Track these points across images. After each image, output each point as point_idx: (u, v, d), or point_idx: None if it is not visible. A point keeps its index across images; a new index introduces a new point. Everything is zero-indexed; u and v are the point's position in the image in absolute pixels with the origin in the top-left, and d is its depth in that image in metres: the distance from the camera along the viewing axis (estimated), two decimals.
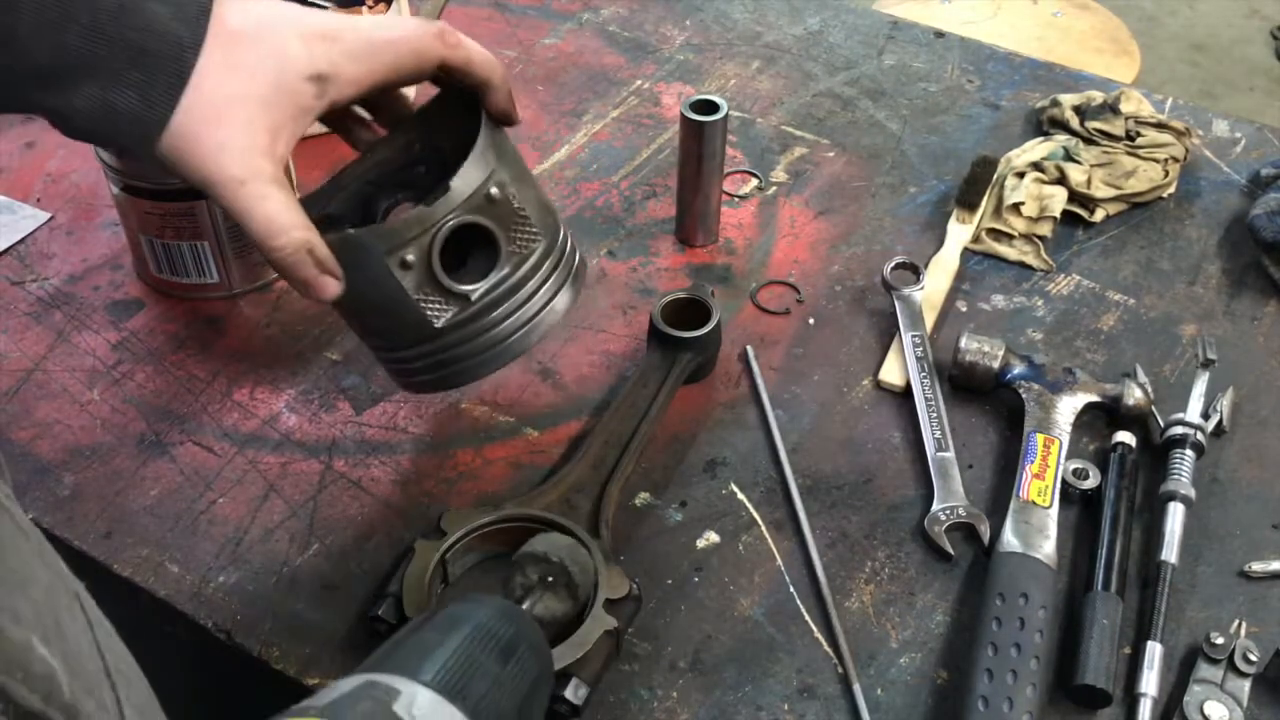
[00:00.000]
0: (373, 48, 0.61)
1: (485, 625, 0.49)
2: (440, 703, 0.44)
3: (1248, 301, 0.86)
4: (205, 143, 0.57)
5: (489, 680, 0.47)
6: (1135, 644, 0.64)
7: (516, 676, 0.48)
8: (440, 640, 0.47)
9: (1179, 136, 0.96)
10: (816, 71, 1.08)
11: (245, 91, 0.57)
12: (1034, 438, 0.73)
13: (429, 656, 0.46)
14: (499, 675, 0.47)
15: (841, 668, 0.64)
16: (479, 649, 0.47)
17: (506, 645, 0.49)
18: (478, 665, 0.47)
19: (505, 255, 0.64)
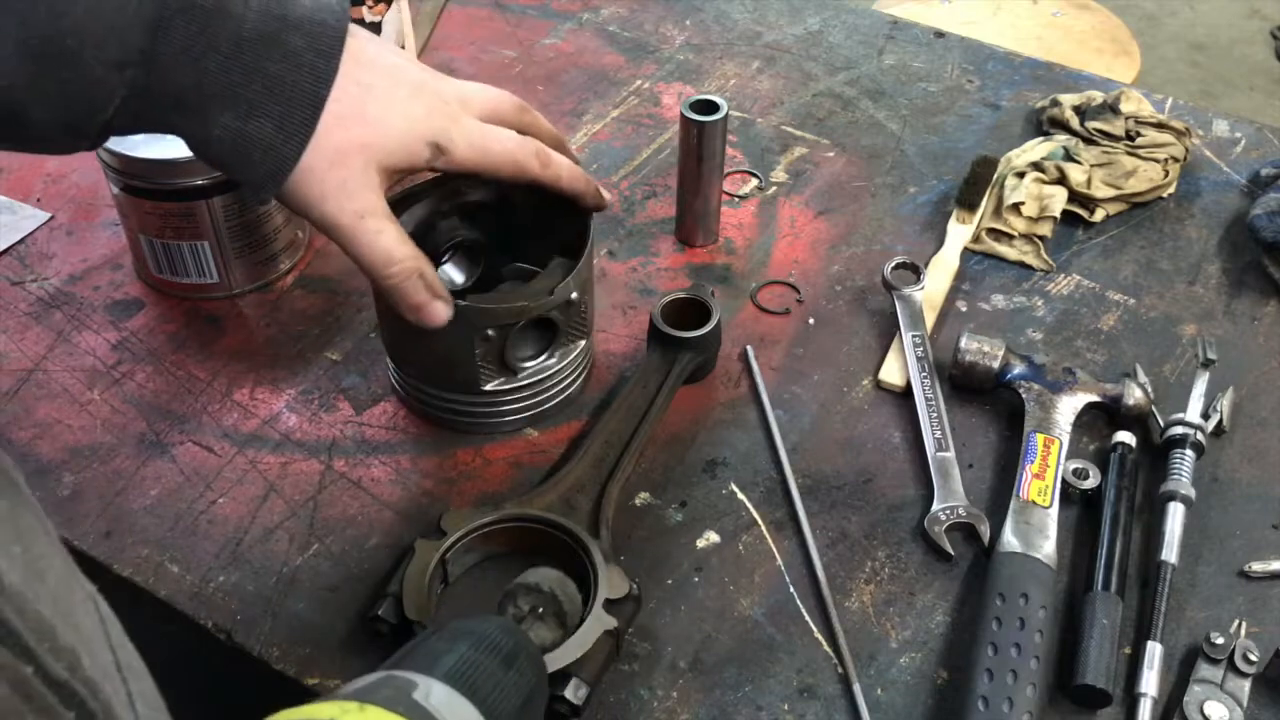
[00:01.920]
0: (484, 147, 0.66)
1: (489, 636, 0.52)
2: (454, 695, 0.46)
3: (1248, 301, 0.86)
4: (329, 181, 0.60)
5: (494, 682, 0.49)
6: (1135, 644, 0.64)
7: (518, 683, 0.51)
8: (449, 646, 0.50)
9: (1179, 136, 0.96)
10: (816, 71, 1.08)
11: (371, 140, 0.61)
12: (1034, 438, 0.73)
13: (440, 658, 0.49)
14: (502, 679, 0.50)
15: (841, 668, 0.64)
16: (484, 655, 0.50)
17: (509, 654, 0.52)
18: (484, 668, 0.50)
19: (558, 345, 0.73)
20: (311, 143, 0.59)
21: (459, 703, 0.46)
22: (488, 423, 0.75)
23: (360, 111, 0.60)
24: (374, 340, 0.81)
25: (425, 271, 0.64)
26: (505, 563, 0.67)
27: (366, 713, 0.42)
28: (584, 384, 0.78)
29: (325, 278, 0.86)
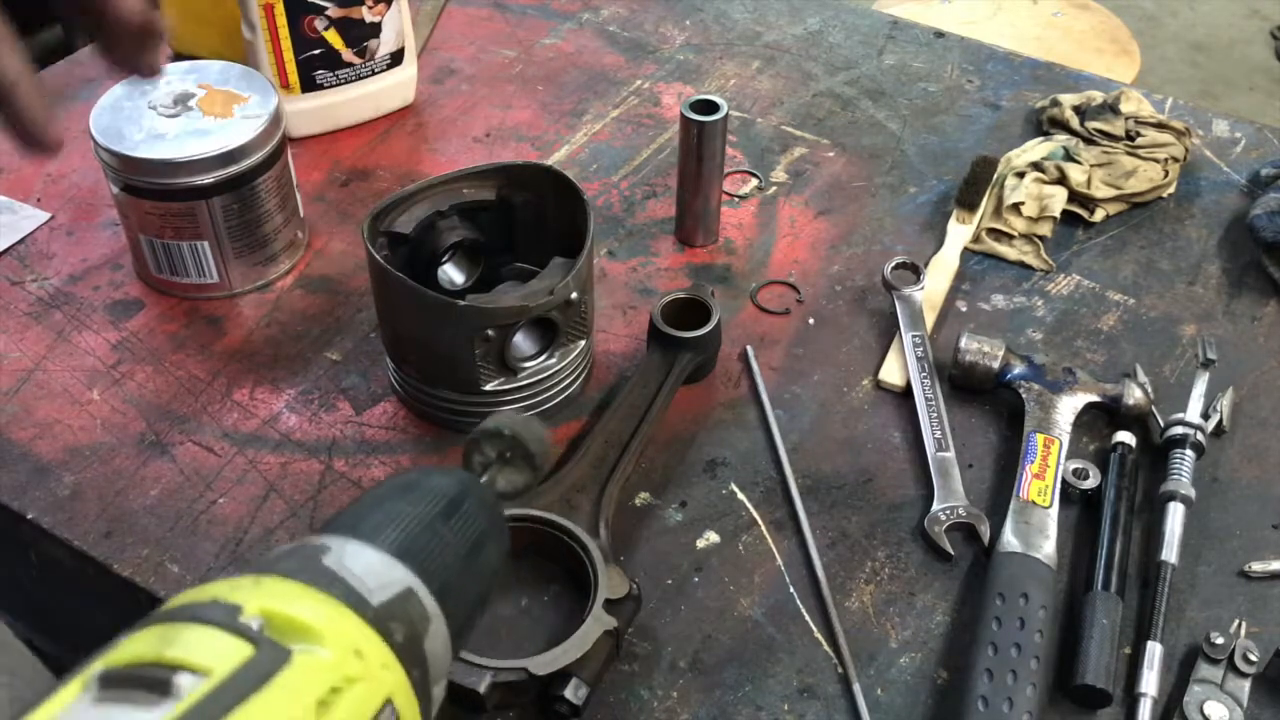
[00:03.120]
0: None
1: (422, 486, 0.48)
2: (373, 553, 0.41)
3: (1248, 301, 0.86)
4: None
5: (429, 535, 0.45)
6: (1135, 644, 0.64)
7: (462, 531, 0.47)
8: (374, 505, 0.46)
9: (1179, 136, 0.96)
10: (816, 71, 1.08)
11: None
12: (1034, 438, 0.73)
13: (363, 518, 0.44)
14: (440, 530, 0.46)
15: (841, 668, 0.64)
16: (416, 507, 0.46)
17: (450, 502, 0.47)
18: (414, 521, 0.45)
19: (558, 345, 0.73)
20: None
21: (378, 561, 0.41)
22: None
23: None
24: (374, 340, 0.81)
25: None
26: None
27: (262, 585, 0.37)
28: (584, 384, 0.78)
29: (325, 278, 0.86)
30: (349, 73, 0.96)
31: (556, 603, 0.66)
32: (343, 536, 0.42)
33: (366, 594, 0.38)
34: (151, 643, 0.33)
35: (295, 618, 0.35)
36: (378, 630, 0.37)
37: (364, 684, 0.34)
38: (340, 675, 0.34)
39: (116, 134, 0.77)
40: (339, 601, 0.37)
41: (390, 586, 0.40)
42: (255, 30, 0.91)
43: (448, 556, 0.44)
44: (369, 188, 0.94)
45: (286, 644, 0.33)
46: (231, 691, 0.31)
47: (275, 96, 0.81)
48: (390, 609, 0.39)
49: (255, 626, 0.34)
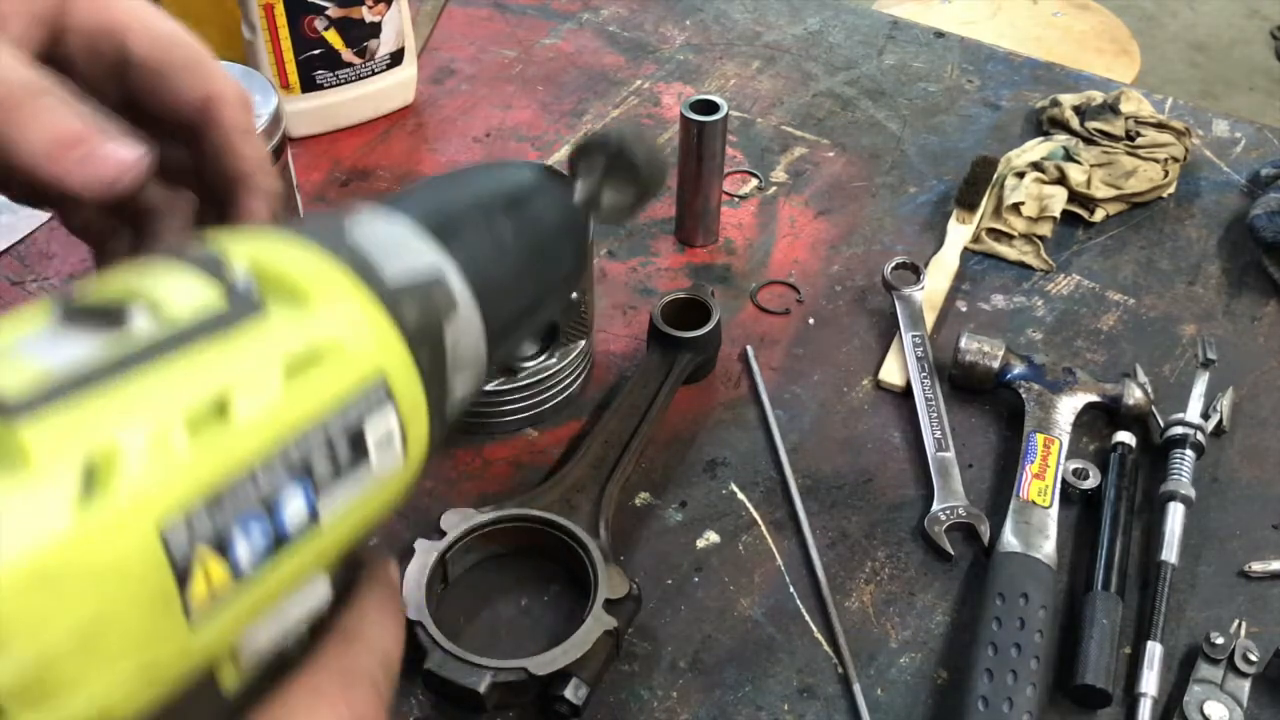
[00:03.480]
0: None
1: (497, 174, 0.43)
2: (399, 228, 0.36)
3: (1248, 301, 0.86)
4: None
5: (482, 221, 0.39)
6: (1135, 644, 0.64)
7: (525, 227, 0.41)
8: (435, 183, 0.41)
9: (1179, 136, 0.96)
10: (816, 71, 1.08)
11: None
12: (1034, 438, 0.73)
13: (414, 194, 0.39)
14: (498, 220, 0.40)
15: (841, 668, 0.64)
16: (480, 192, 0.41)
17: (518, 194, 0.42)
18: (470, 203, 0.40)
19: (558, 345, 0.73)
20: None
21: (407, 236, 0.36)
22: (488, 423, 0.75)
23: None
24: None
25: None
26: (505, 563, 0.67)
27: (265, 239, 0.32)
28: (584, 384, 0.78)
29: None
30: (349, 73, 0.96)
31: (556, 603, 0.66)
32: (381, 208, 0.37)
33: (380, 266, 0.34)
34: (126, 277, 0.30)
35: (286, 275, 0.31)
36: (382, 304, 0.32)
37: (351, 354, 0.31)
38: (322, 340, 0.30)
39: None
40: (343, 266, 0.32)
41: (414, 265, 0.35)
42: (255, 30, 0.91)
43: (499, 250, 0.39)
44: (369, 188, 0.94)
45: (271, 303, 0.30)
46: (188, 335, 0.28)
47: (275, 96, 0.81)
48: (405, 287, 0.34)
49: (240, 277, 0.30)
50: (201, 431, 0.27)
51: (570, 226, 0.44)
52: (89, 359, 0.26)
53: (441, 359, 0.35)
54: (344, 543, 0.31)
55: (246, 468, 0.27)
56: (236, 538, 0.27)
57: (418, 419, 0.33)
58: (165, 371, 0.27)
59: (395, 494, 0.33)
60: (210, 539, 0.26)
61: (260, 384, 0.28)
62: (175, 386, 0.27)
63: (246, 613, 0.28)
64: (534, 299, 0.41)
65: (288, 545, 0.28)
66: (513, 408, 0.74)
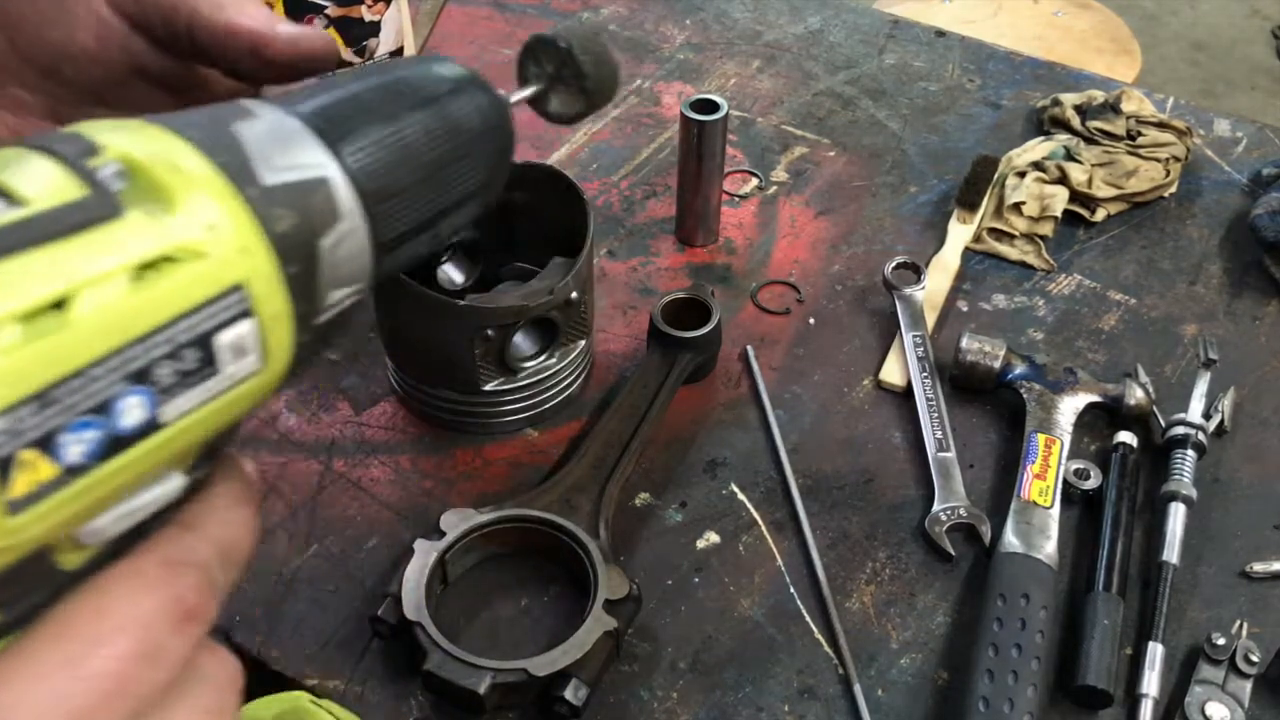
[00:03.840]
0: None
1: (411, 71, 0.40)
2: (291, 124, 0.34)
3: (1249, 301, 0.86)
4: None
5: (384, 123, 0.37)
6: (1136, 645, 0.64)
7: (436, 130, 0.39)
8: (334, 80, 0.38)
9: (1180, 136, 0.95)
10: (817, 71, 1.08)
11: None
12: (1035, 438, 0.73)
13: (309, 92, 0.37)
14: (404, 121, 0.38)
15: (842, 668, 0.63)
16: (385, 90, 0.38)
17: (432, 94, 0.39)
18: (372, 103, 0.37)
19: (558, 345, 0.73)
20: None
21: (294, 135, 0.34)
22: (487, 423, 0.74)
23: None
24: (373, 340, 0.81)
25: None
26: (505, 563, 0.67)
27: (142, 133, 0.31)
28: (584, 384, 0.78)
29: None
30: None
31: (556, 603, 0.66)
32: (275, 105, 0.35)
33: (257, 168, 0.32)
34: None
35: (153, 173, 0.30)
36: (252, 209, 0.31)
37: (208, 261, 0.30)
38: (178, 245, 0.29)
39: None
40: (214, 168, 0.31)
41: (295, 168, 0.33)
42: None
43: (399, 153, 0.37)
44: None
45: (132, 200, 0.29)
46: (37, 228, 0.27)
47: None
48: (281, 192, 0.33)
49: (107, 173, 0.29)
50: (35, 328, 0.26)
51: (489, 133, 0.42)
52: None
53: (313, 269, 0.33)
54: (195, 443, 0.31)
55: (81, 368, 0.27)
56: (65, 436, 0.27)
57: (280, 328, 0.32)
58: (5, 263, 0.26)
59: (253, 397, 0.32)
60: (37, 436, 0.26)
61: (103, 285, 0.27)
62: (13, 280, 0.26)
63: (81, 504, 0.28)
64: (436, 209, 0.39)
65: (124, 446, 0.28)
66: (513, 408, 0.74)
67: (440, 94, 0.40)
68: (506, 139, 0.43)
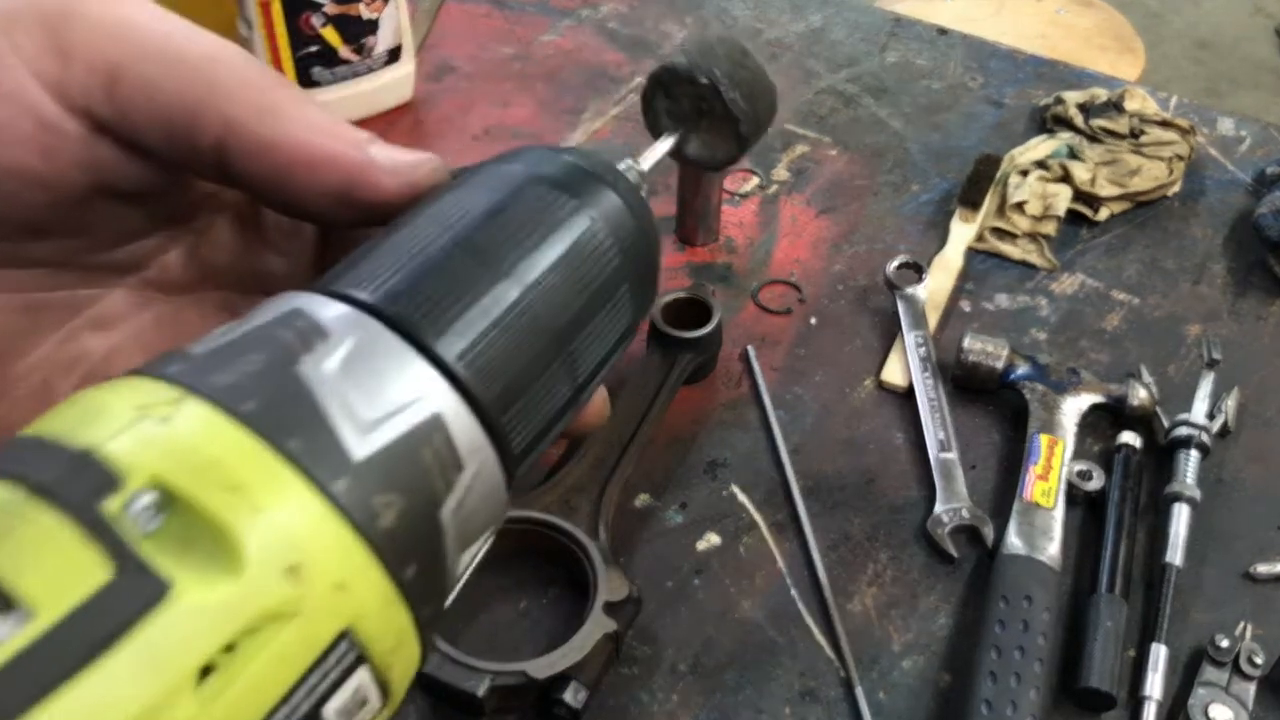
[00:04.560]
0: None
1: (493, 189, 0.29)
2: (367, 330, 0.24)
3: (1253, 301, 0.85)
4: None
5: (479, 282, 0.26)
6: (1139, 646, 0.64)
7: (554, 273, 0.28)
8: (400, 238, 0.27)
9: (1184, 135, 0.95)
10: (818, 69, 1.08)
11: None
12: (1038, 439, 0.72)
13: (371, 255, 0.27)
14: (507, 273, 0.27)
15: (843, 670, 0.63)
16: (473, 236, 0.27)
17: (539, 222, 0.28)
18: (452, 257, 0.27)
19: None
20: None
21: (380, 350, 0.24)
22: None
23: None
24: None
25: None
26: (503, 565, 0.67)
27: (178, 420, 0.21)
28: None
29: None
30: (346, 70, 0.95)
31: (555, 605, 0.65)
32: (332, 293, 0.25)
33: (343, 439, 0.23)
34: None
35: (197, 502, 0.21)
36: (345, 515, 0.22)
37: (296, 622, 0.21)
38: (252, 615, 0.21)
39: None
40: (285, 464, 0.22)
41: (394, 412, 0.23)
42: (252, 27, 0.90)
43: (520, 333, 0.26)
44: None
45: (174, 553, 0.20)
46: (46, 661, 0.19)
47: None
48: (381, 465, 0.23)
49: (137, 511, 0.20)
50: None
51: (631, 248, 0.30)
52: None
53: (437, 553, 0.25)
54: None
55: None
56: None
57: (402, 654, 0.24)
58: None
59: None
60: None
61: (161, 712, 0.19)
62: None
63: None
64: (575, 385, 0.29)
65: None
66: None
67: (557, 219, 0.28)
68: (652, 244, 0.31)
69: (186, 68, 0.30)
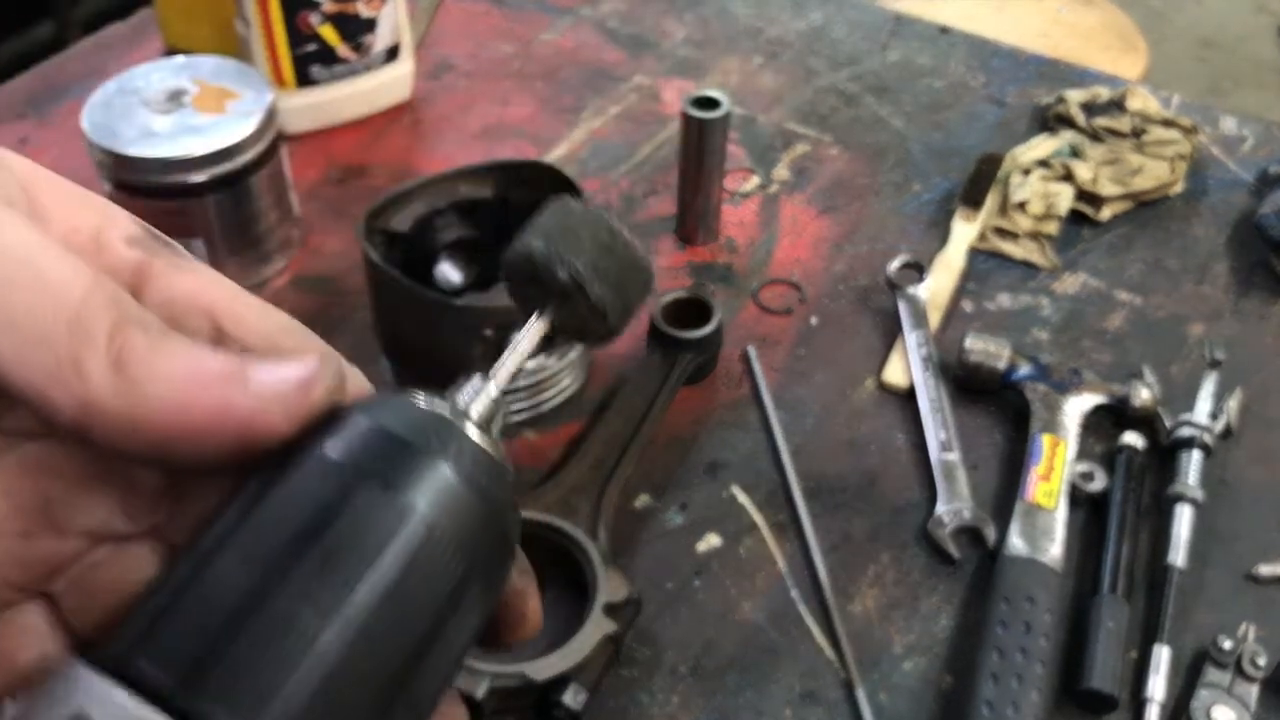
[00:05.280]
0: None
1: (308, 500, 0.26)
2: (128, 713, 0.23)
3: (1256, 300, 0.85)
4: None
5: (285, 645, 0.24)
6: (1142, 648, 0.63)
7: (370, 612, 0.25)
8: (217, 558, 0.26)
9: (1186, 134, 0.95)
10: (819, 67, 1.07)
11: None
12: (1040, 439, 0.72)
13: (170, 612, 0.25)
14: (327, 614, 0.24)
15: (844, 672, 0.63)
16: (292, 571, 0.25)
17: (361, 552, 0.25)
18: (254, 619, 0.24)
19: (557, 345, 0.71)
20: None
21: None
22: None
23: None
24: (370, 340, 0.80)
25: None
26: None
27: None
28: (584, 384, 0.77)
29: (320, 276, 0.85)
30: (344, 68, 0.95)
31: (555, 607, 0.65)
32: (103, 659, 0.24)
33: None
34: None
35: None
36: None
37: None
38: None
39: (109, 131, 0.76)
40: None
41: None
42: (250, 25, 0.90)
43: (334, 683, 0.24)
44: (365, 185, 0.93)
45: None
46: None
47: (270, 93, 0.80)
48: None
49: None
50: None
51: (480, 558, 0.27)
52: None
53: None
54: None
55: None
56: None
57: None
58: None
59: None
60: None
61: None
62: None
63: None
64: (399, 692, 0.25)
65: None
66: (511, 409, 0.73)
67: (381, 539, 0.25)
68: (502, 519, 0.28)
69: (42, 346, 0.25)
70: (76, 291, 0.26)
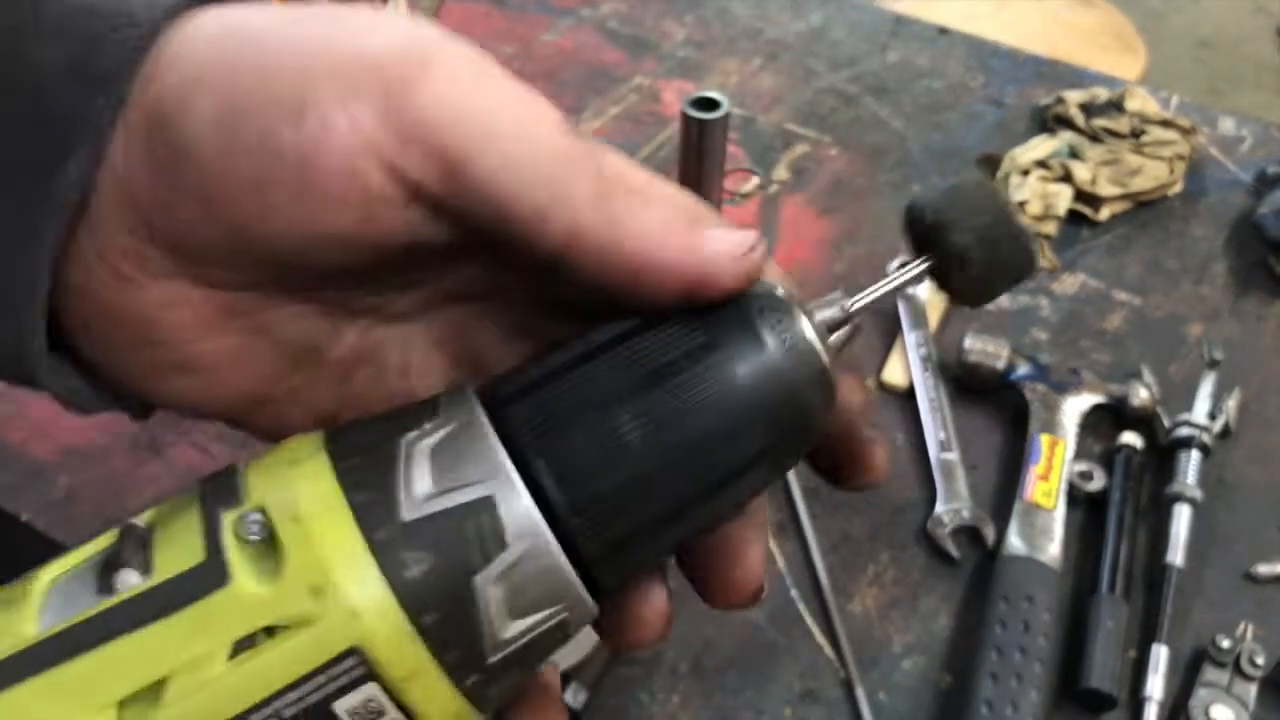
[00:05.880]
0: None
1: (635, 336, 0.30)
2: (474, 427, 0.29)
3: (1254, 301, 0.85)
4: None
5: (595, 408, 0.29)
6: (1140, 647, 0.64)
7: (665, 409, 0.29)
8: (554, 365, 0.30)
9: (1185, 134, 0.95)
10: (819, 68, 1.07)
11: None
12: (1039, 439, 0.72)
13: (537, 370, 0.30)
14: (623, 400, 0.29)
15: (844, 671, 0.63)
16: (616, 365, 0.30)
17: (666, 362, 0.30)
18: (590, 383, 0.30)
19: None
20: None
21: (472, 443, 0.29)
22: None
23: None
24: None
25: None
26: None
27: (304, 467, 0.29)
28: None
29: None
30: None
31: None
32: (473, 399, 0.30)
33: (401, 501, 0.28)
34: (162, 516, 0.30)
35: (275, 525, 0.28)
36: (376, 558, 0.27)
37: (313, 629, 0.27)
38: (279, 615, 0.27)
39: None
40: (344, 511, 0.28)
41: (456, 489, 0.28)
42: None
43: (612, 453, 0.29)
44: None
45: (248, 562, 0.28)
46: (148, 605, 0.27)
47: None
48: (424, 529, 0.28)
49: (244, 528, 0.28)
50: (133, 713, 0.27)
51: (770, 395, 0.30)
52: (58, 628, 0.27)
53: (467, 610, 0.28)
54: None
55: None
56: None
57: (421, 682, 0.28)
58: (114, 650, 0.27)
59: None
60: None
61: (199, 668, 0.27)
62: (115, 664, 0.27)
63: None
64: (680, 500, 0.30)
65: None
66: None
67: (689, 360, 0.30)
68: (808, 393, 0.31)
69: (538, 172, 0.29)
70: (580, 148, 0.30)
